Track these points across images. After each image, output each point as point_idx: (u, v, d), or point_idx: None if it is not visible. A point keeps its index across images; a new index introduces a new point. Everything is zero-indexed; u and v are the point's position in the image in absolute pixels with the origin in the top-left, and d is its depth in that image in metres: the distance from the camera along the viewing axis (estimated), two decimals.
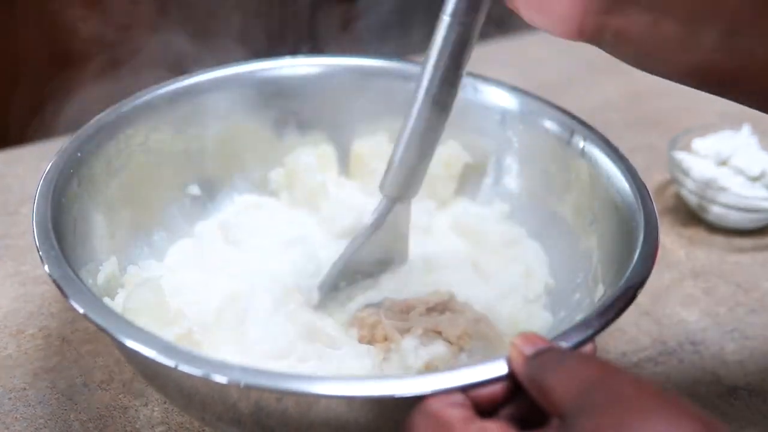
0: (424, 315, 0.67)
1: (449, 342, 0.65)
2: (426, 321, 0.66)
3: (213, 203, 0.80)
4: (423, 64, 0.63)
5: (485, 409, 0.51)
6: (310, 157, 0.80)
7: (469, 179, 0.81)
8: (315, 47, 1.18)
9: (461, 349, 0.66)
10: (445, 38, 0.62)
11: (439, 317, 0.67)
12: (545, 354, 0.50)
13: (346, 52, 0.82)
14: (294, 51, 0.83)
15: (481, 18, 0.62)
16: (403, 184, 0.68)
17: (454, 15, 0.61)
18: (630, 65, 0.56)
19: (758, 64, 0.52)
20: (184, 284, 0.70)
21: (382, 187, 0.68)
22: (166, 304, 0.65)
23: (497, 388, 0.51)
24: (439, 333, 0.66)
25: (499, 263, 0.75)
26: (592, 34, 0.56)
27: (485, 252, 0.76)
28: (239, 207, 0.79)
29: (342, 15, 1.12)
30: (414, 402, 0.50)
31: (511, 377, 0.51)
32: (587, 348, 0.54)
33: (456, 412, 0.49)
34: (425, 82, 0.63)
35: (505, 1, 0.58)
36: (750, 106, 0.55)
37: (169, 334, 0.63)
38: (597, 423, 0.43)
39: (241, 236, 0.75)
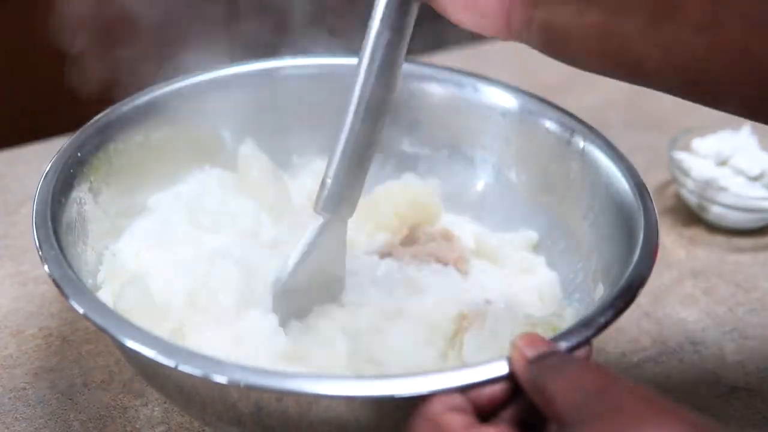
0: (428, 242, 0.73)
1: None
2: (427, 247, 0.72)
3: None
4: (354, 72, 0.61)
5: (485, 411, 0.51)
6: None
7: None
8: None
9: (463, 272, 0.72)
10: (375, 44, 0.60)
11: (437, 244, 0.71)
12: (547, 359, 0.50)
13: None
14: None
15: (411, 22, 0.60)
16: (338, 202, 0.64)
17: (383, 20, 0.59)
18: (556, 59, 0.56)
19: (680, 53, 0.51)
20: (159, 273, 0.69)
21: (316, 206, 0.64)
22: (155, 301, 0.65)
23: (497, 389, 0.51)
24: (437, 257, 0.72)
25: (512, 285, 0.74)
26: (520, 28, 0.56)
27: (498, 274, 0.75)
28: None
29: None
30: (414, 402, 0.50)
31: (511, 378, 0.51)
32: (582, 351, 0.54)
33: (456, 418, 0.49)
34: (357, 92, 0.61)
35: (431, 2, 0.58)
36: (674, 94, 0.55)
37: (163, 331, 0.62)
38: (595, 431, 0.43)
39: (205, 219, 0.73)
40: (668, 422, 0.42)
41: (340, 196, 0.64)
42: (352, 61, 0.63)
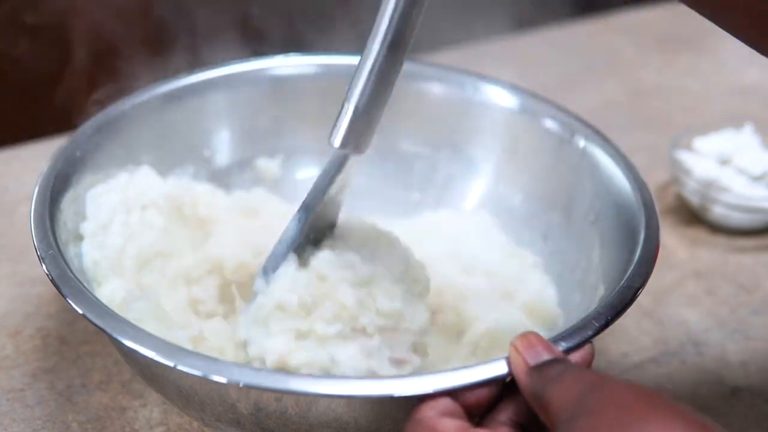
0: None
1: None
2: None
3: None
4: (380, 9, 0.58)
5: (480, 411, 0.51)
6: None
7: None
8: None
9: None
10: None
11: None
12: (548, 368, 0.49)
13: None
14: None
15: None
16: (360, 134, 0.59)
17: None
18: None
19: None
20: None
21: (335, 139, 0.59)
22: (167, 312, 0.64)
23: (492, 390, 0.51)
24: None
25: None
26: None
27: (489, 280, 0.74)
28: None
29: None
30: (414, 402, 0.50)
31: (510, 378, 0.51)
32: (585, 351, 0.54)
33: (450, 424, 0.48)
34: (384, 23, 0.57)
35: None
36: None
37: (182, 337, 0.62)
38: (593, 424, 0.43)
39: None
40: (669, 416, 0.42)
41: (363, 128, 0.59)
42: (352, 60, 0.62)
